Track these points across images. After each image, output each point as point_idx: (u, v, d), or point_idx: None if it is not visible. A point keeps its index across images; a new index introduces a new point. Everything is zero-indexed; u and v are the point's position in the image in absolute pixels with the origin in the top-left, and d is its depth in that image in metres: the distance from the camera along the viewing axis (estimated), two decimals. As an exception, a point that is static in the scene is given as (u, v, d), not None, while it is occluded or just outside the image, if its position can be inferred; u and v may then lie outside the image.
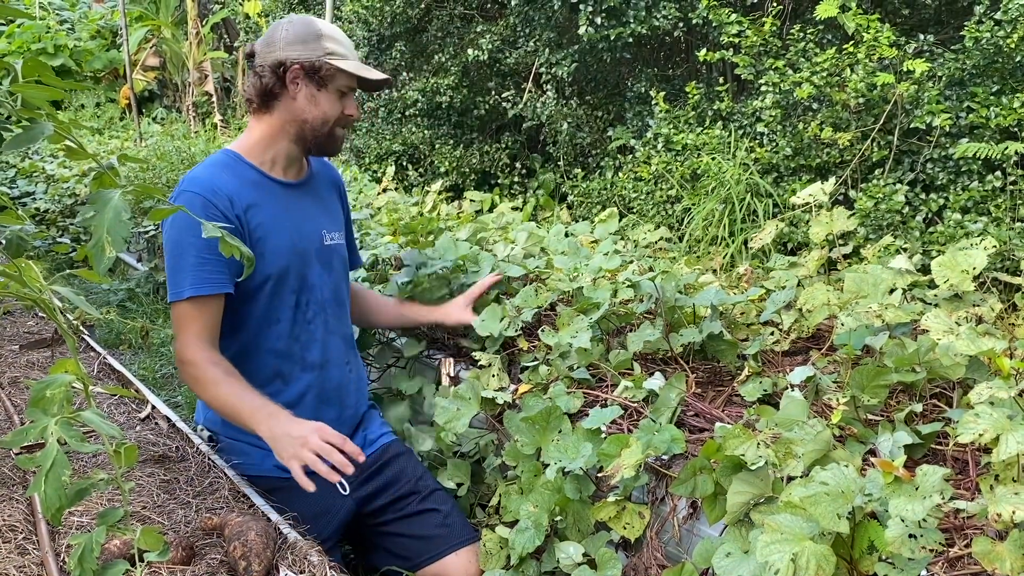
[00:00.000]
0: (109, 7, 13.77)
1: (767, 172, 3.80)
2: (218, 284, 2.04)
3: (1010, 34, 3.20)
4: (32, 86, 1.30)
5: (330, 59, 2.11)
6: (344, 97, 2.18)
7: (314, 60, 2.10)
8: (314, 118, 2.15)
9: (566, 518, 1.96)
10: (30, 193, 6.89)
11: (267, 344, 2.18)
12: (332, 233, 2.32)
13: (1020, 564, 1.32)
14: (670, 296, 2.36)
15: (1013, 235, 2.96)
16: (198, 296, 2.02)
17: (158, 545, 1.57)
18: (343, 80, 2.14)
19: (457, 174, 5.60)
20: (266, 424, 1.94)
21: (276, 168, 2.21)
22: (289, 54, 2.10)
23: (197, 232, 1.94)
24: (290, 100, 2.14)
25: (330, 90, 2.14)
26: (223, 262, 2.02)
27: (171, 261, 2.05)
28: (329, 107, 2.15)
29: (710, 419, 2.02)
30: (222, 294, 2.06)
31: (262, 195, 2.15)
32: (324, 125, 2.17)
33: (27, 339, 3.21)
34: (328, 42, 2.12)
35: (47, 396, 1.41)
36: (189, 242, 2.02)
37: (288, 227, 2.17)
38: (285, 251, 2.15)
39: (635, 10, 4.37)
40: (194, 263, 2.02)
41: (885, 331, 2.01)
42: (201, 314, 2.04)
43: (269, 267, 2.13)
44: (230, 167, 2.15)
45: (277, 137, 2.18)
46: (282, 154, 2.20)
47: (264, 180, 2.18)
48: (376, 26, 5.71)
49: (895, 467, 1.44)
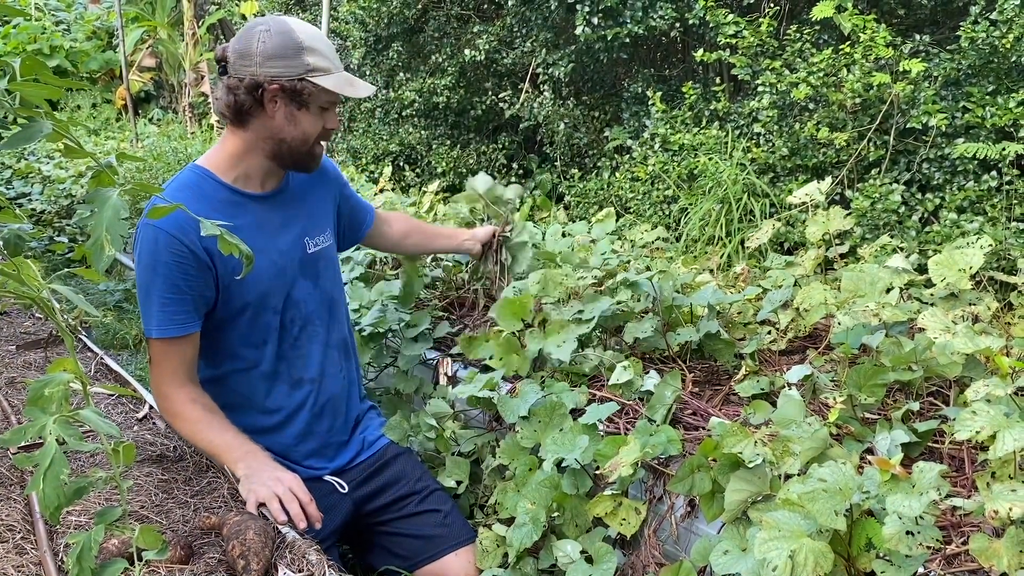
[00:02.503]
0: (105, 8, 13.76)
1: (764, 172, 3.81)
2: (183, 325, 1.97)
3: (1005, 34, 3.21)
4: (30, 85, 1.30)
5: (312, 76, 1.95)
6: (326, 112, 2.03)
7: (295, 80, 1.94)
8: (293, 138, 2.01)
9: (563, 514, 1.96)
10: (26, 194, 6.88)
11: (254, 367, 2.12)
12: (317, 237, 2.21)
13: (1017, 560, 1.33)
14: (667, 295, 2.37)
15: (1009, 234, 2.97)
16: (165, 337, 1.97)
17: (157, 543, 1.57)
18: (326, 97, 1.99)
19: (454, 174, 5.60)
20: (244, 462, 1.94)
21: (250, 182, 2.08)
22: (267, 71, 1.93)
23: (160, 271, 1.92)
24: (268, 118, 1.98)
25: (311, 109, 1.99)
26: (188, 300, 1.95)
27: (140, 297, 1.99)
28: (310, 125, 2.01)
29: (707, 417, 2.02)
30: (190, 334, 2.00)
31: (234, 216, 2.01)
32: (304, 144, 2.03)
33: (24, 339, 3.20)
34: (310, 56, 1.94)
35: (45, 395, 1.40)
36: (153, 282, 1.94)
37: (265, 247, 2.05)
38: (267, 274, 2.06)
39: (632, 10, 4.38)
40: (158, 303, 1.94)
41: (882, 330, 2.01)
42: (173, 352, 1.99)
43: (248, 294, 2.04)
44: (198, 189, 2.01)
45: (251, 152, 2.04)
46: (256, 169, 2.07)
47: (236, 198, 2.05)
48: (373, 27, 5.71)
49: (892, 465, 1.45)
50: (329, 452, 2.25)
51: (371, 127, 6.27)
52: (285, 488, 1.85)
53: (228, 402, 2.10)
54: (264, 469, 1.92)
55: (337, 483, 2.19)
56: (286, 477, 1.90)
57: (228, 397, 2.12)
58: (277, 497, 1.83)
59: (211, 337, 2.08)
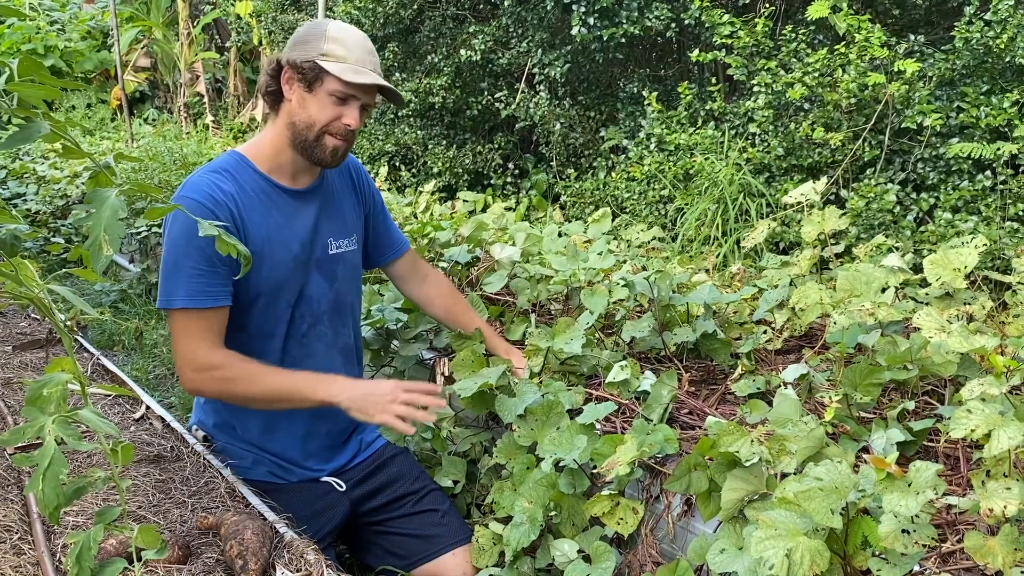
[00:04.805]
0: (99, 8, 13.71)
1: (759, 172, 3.82)
2: (212, 297, 1.96)
3: (1000, 34, 3.22)
4: (28, 85, 1.30)
5: (321, 59, 1.97)
6: (343, 104, 2.01)
7: (303, 60, 1.98)
8: (300, 121, 2.02)
9: (560, 513, 1.97)
10: (21, 194, 6.86)
11: (259, 359, 2.09)
12: (340, 241, 2.21)
13: (1012, 558, 1.33)
14: (664, 295, 2.38)
15: (1003, 234, 2.98)
16: (192, 308, 1.95)
17: (156, 543, 1.57)
18: (333, 84, 1.98)
19: (450, 175, 5.61)
20: (337, 389, 1.99)
21: (284, 175, 2.10)
22: (290, 54, 2.01)
23: (195, 242, 1.91)
24: (287, 101, 2.04)
25: (319, 93, 2.00)
26: (221, 273, 1.95)
27: (166, 268, 1.97)
28: (316, 111, 2.00)
29: (703, 417, 2.03)
30: (221, 307, 1.99)
31: (265, 204, 2.05)
32: (309, 129, 2.02)
33: (20, 340, 3.20)
34: (329, 43, 1.98)
35: (44, 395, 1.40)
36: (187, 252, 1.93)
37: (289, 239, 2.08)
38: (283, 265, 2.07)
39: (628, 11, 4.39)
40: (189, 274, 1.93)
41: (877, 329, 2.02)
42: (203, 321, 1.96)
43: (264, 282, 2.05)
44: (234, 172, 2.04)
45: (281, 141, 2.07)
46: (288, 161, 2.09)
47: (269, 187, 2.08)
48: (369, 27, 5.71)
49: (888, 463, 1.45)
50: (328, 453, 2.26)
51: (367, 127, 6.27)
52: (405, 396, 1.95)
53: None
54: (372, 390, 1.99)
55: (335, 483, 2.19)
56: (395, 391, 1.96)
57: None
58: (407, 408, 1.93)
59: None
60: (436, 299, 2.49)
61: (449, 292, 2.52)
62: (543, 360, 2.32)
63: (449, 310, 2.48)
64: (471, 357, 2.33)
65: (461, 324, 2.46)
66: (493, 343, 2.44)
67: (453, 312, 2.48)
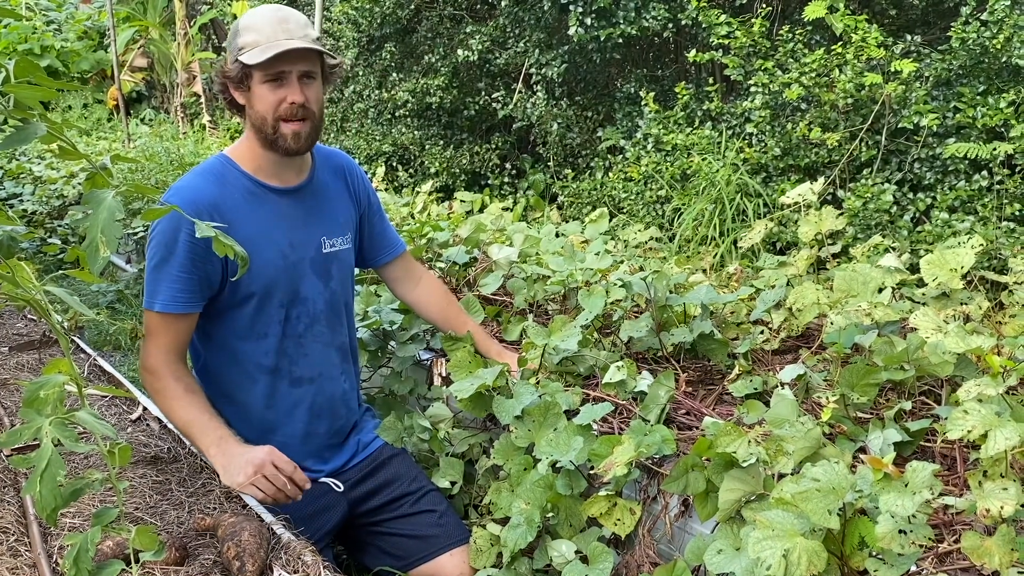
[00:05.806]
0: (96, 8, 13.69)
1: (756, 172, 3.82)
2: (186, 304, 2.01)
3: (996, 35, 3.23)
4: (25, 86, 1.29)
5: (240, 55, 1.98)
6: (279, 85, 2.00)
7: (231, 65, 2.02)
8: (256, 119, 2.04)
9: (558, 514, 1.97)
10: (17, 195, 6.84)
11: (254, 359, 2.13)
12: (334, 239, 2.22)
13: (1008, 559, 1.34)
14: (661, 295, 2.38)
15: (1000, 234, 2.99)
16: (167, 312, 2.01)
17: (153, 544, 1.57)
18: (257, 72, 1.99)
19: (447, 175, 5.60)
20: (216, 448, 1.98)
21: (268, 174, 2.11)
22: (222, 67, 2.07)
23: (179, 249, 1.96)
24: (242, 107, 2.08)
25: (255, 87, 2.01)
26: (195, 281, 1.99)
27: (149, 269, 2.02)
28: (260, 104, 2.01)
29: (701, 417, 2.03)
30: (190, 314, 2.04)
31: (252, 204, 2.07)
32: (264, 124, 2.03)
33: (16, 341, 3.19)
34: (241, 36, 2.00)
35: (41, 396, 1.40)
36: (168, 258, 1.98)
37: (278, 239, 2.09)
38: (273, 266, 2.08)
39: (625, 11, 4.39)
40: (170, 279, 1.99)
41: (874, 329, 2.02)
42: (170, 328, 2.03)
43: (254, 283, 2.06)
44: (219, 175, 2.08)
45: (255, 143, 2.09)
46: (267, 161, 2.10)
47: (256, 187, 2.09)
48: (366, 27, 5.72)
49: (885, 464, 1.45)
50: (326, 454, 2.26)
51: (364, 127, 6.27)
52: (271, 471, 1.91)
53: (227, 394, 2.14)
54: (235, 455, 1.95)
55: (333, 483, 2.19)
56: (257, 457, 1.93)
57: (227, 388, 2.14)
58: (256, 484, 1.90)
59: (215, 325, 2.10)
60: (430, 302, 2.51)
61: (443, 295, 2.54)
62: (540, 357, 2.32)
63: (443, 313, 2.50)
64: (468, 358, 2.33)
65: (454, 327, 2.46)
66: (486, 346, 2.46)
67: (447, 315, 2.50)
